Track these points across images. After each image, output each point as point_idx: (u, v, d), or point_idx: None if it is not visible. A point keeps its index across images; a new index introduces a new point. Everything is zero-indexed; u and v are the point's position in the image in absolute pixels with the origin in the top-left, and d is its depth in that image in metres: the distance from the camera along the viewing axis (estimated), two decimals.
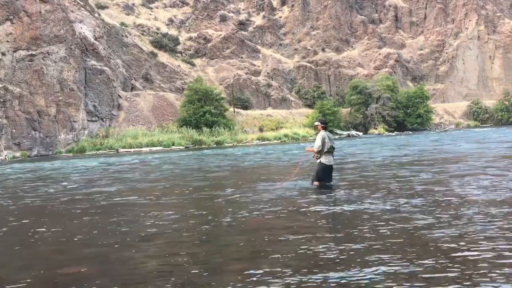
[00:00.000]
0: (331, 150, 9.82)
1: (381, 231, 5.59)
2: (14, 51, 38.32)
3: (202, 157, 25.47)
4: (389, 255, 4.55)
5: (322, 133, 9.84)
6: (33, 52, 39.22)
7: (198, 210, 7.93)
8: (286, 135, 48.26)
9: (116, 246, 5.56)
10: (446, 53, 76.53)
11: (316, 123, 10.33)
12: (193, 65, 62.42)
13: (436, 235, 5.25)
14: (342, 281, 3.91)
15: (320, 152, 9.72)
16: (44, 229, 6.82)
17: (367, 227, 5.83)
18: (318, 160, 9.85)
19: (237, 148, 35.35)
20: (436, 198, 7.75)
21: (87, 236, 6.23)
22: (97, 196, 10.49)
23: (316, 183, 9.90)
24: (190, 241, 5.68)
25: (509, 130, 40.94)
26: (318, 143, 9.65)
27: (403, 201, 7.57)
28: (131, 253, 5.22)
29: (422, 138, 35.26)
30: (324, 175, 9.88)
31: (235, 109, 55.26)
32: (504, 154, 16.12)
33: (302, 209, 7.39)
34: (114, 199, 9.90)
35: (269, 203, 8.14)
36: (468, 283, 3.73)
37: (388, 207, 7.10)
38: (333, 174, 10.34)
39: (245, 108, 58.08)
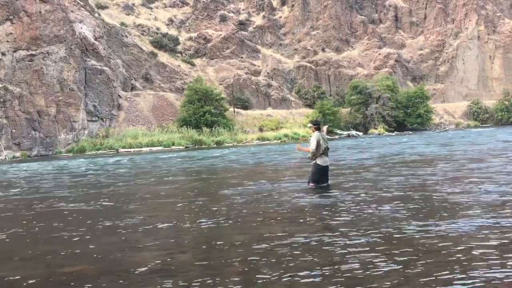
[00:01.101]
0: (325, 151, 9.76)
1: (375, 234, 5.59)
2: (14, 51, 38.32)
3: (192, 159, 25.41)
4: (384, 257, 4.55)
5: (317, 134, 9.66)
6: (33, 52, 39.22)
7: (196, 210, 7.93)
8: (286, 135, 48.27)
9: (115, 246, 5.56)
10: (446, 53, 76.54)
11: (309, 125, 10.14)
12: (193, 65, 62.43)
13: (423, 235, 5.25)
14: (343, 281, 3.90)
15: (315, 153, 9.57)
16: (41, 230, 6.82)
17: (363, 228, 5.83)
18: (314, 161, 9.74)
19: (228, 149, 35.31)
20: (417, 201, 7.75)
21: (87, 236, 6.22)
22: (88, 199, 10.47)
23: (311, 184, 9.83)
24: (189, 241, 5.68)
25: (503, 130, 40.93)
26: (313, 144, 9.45)
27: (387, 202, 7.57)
28: (131, 253, 5.21)
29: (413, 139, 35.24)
30: (319, 176, 9.78)
31: (235, 109, 55.26)
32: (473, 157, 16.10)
33: (301, 210, 7.39)
34: (106, 202, 9.89)
35: (266, 204, 8.14)
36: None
37: (382, 212, 7.10)
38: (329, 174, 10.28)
39: (245, 108, 58.08)
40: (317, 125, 9.83)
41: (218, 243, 5.46)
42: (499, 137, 29.43)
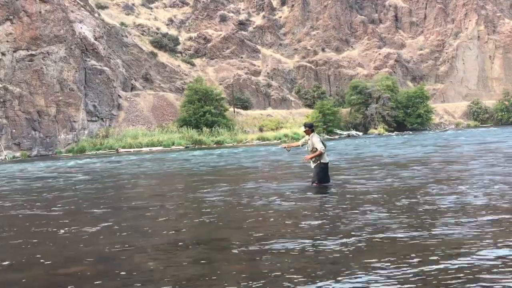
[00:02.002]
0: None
1: (376, 238, 5.60)
2: (14, 51, 38.32)
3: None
4: (383, 258, 4.56)
5: (316, 135, 9.83)
6: (33, 52, 39.22)
7: (196, 210, 7.93)
8: (286, 135, 48.28)
9: (115, 246, 5.56)
10: (446, 53, 76.52)
11: (303, 129, 10.11)
12: (193, 65, 62.42)
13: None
14: (343, 282, 3.90)
15: (322, 154, 9.64)
16: (44, 229, 6.82)
17: (363, 228, 5.84)
18: (317, 162, 9.76)
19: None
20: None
21: (87, 236, 6.23)
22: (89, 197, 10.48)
23: (315, 184, 9.88)
24: (190, 241, 5.69)
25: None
26: (320, 145, 9.52)
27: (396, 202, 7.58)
28: (131, 253, 5.22)
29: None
30: (324, 174, 9.88)
31: (235, 109, 55.26)
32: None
33: (301, 210, 7.39)
34: (109, 201, 9.90)
35: (267, 203, 8.14)
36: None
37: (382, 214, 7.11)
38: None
39: (245, 108, 58.08)
40: (311, 128, 9.93)
41: (215, 243, 5.47)
42: (487, 138, 29.43)
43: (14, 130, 36.68)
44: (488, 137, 30.14)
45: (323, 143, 9.64)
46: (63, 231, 6.63)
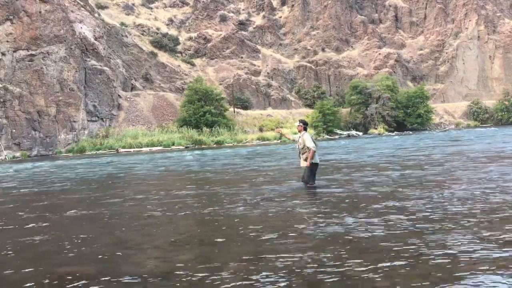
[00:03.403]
0: None
1: (376, 235, 5.59)
2: (14, 51, 38.33)
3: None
4: (385, 257, 4.56)
5: (307, 133, 9.72)
6: (33, 52, 39.23)
7: (196, 209, 7.92)
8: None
9: (116, 246, 5.55)
10: (446, 53, 76.57)
11: (297, 125, 9.96)
12: (193, 65, 62.45)
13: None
14: (343, 281, 3.90)
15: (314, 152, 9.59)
16: (44, 228, 6.82)
17: (364, 228, 5.84)
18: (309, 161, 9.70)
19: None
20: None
21: (87, 236, 6.22)
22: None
23: (309, 184, 9.84)
24: (189, 241, 5.68)
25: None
26: (312, 144, 9.43)
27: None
28: (131, 253, 5.21)
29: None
30: (315, 174, 9.85)
31: (235, 109, 55.27)
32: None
33: (302, 211, 7.38)
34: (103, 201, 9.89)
35: (267, 204, 8.13)
36: None
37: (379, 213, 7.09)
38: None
39: (245, 108, 58.10)
40: (305, 126, 9.89)
41: (221, 242, 5.46)
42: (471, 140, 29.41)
43: (14, 130, 36.68)
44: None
45: (314, 142, 9.58)
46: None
